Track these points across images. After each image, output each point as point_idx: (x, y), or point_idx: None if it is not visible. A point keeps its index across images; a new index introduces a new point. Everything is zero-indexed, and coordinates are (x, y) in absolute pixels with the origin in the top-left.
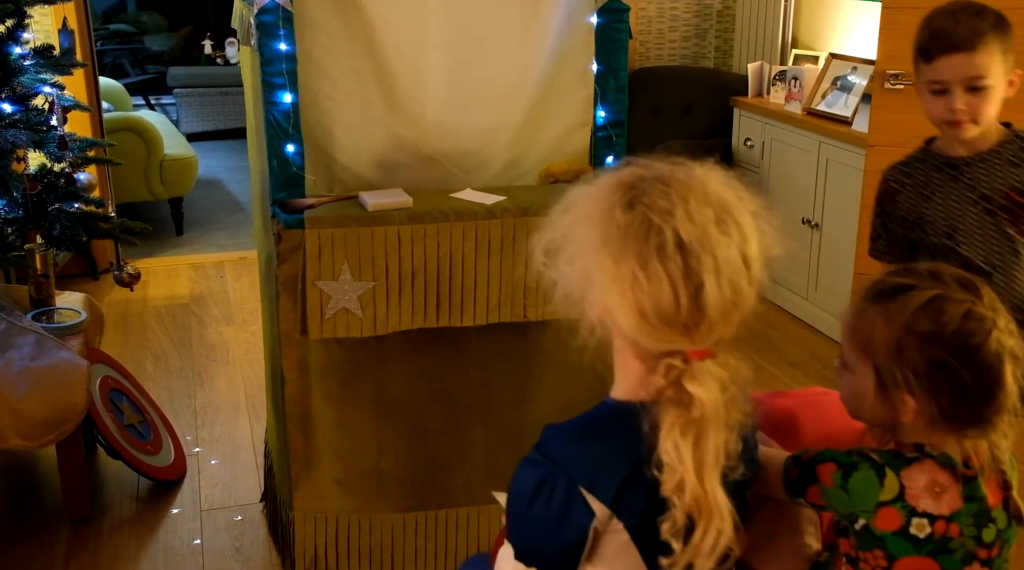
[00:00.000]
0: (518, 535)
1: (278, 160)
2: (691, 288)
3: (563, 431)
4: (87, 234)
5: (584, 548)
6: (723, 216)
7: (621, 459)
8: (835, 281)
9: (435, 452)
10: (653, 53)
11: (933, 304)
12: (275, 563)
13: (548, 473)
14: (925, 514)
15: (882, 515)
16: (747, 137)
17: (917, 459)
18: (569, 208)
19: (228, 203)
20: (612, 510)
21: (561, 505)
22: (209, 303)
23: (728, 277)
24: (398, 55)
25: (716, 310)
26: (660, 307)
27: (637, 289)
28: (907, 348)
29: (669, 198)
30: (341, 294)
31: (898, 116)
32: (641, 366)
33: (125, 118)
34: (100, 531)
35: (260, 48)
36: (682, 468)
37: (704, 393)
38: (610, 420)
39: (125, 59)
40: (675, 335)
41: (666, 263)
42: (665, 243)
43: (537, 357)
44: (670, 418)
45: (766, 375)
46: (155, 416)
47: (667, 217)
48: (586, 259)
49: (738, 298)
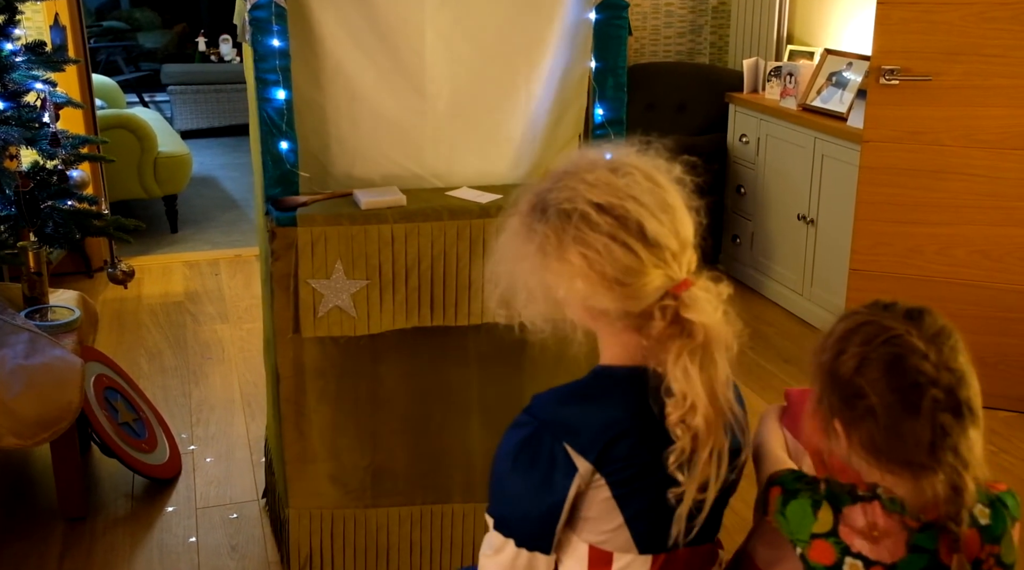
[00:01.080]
0: (498, 501)
1: (272, 157)
2: (634, 232)
3: (550, 396)
4: (80, 231)
5: (563, 510)
6: (615, 166)
7: (606, 418)
8: (830, 277)
9: (430, 449)
10: (648, 49)
11: (863, 328)
12: (271, 560)
13: (533, 432)
14: (860, 556)
15: (816, 547)
16: (742, 133)
17: (865, 499)
18: (499, 259)
19: (223, 200)
20: (595, 466)
21: (546, 462)
22: (204, 301)
23: (656, 205)
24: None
25: (666, 236)
26: (622, 264)
27: (594, 265)
28: (835, 372)
29: (564, 185)
30: (334, 292)
31: (893, 112)
32: (635, 333)
33: (119, 115)
34: (95, 529)
35: (253, 44)
36: (692, 393)
37: (703, 316)
38: (596, 383)
39: (119, 56)
40: (653, 278)
41: (599, 228)
42: (587, 215)
43: (533, 355)
44: (676, 349)
45: (762, 371)
46: (150, 414)
47: (573, 198)
48: (540, 279)
49: (676, 220)
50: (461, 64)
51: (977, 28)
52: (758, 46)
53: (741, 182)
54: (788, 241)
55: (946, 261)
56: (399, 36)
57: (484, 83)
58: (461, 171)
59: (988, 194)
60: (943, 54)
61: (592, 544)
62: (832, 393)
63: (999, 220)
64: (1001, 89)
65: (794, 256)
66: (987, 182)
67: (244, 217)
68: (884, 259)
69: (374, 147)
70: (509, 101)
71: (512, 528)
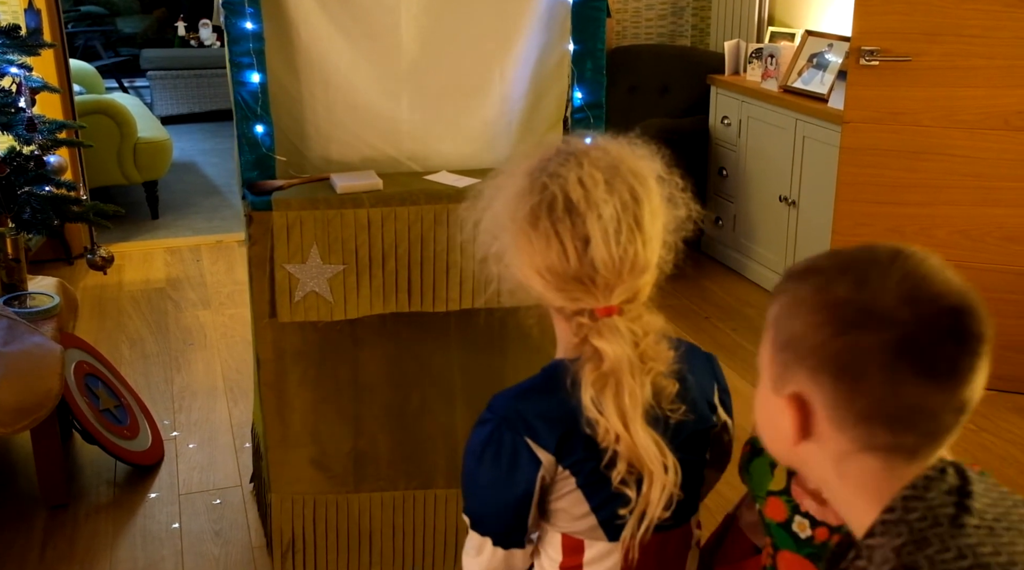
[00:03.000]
0: (470, 498)
1: (247, 141)
2: (578, 244)
3: (509, 393)
4: (59, 217)
5: (532, 502)
6: (613, 178)
7: (560, 411)
8: None
9: (413, 434)
10: (630, 32)
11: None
12: (255, 545)
13: (495, 428)
14: (807, 515)
15: (771, 504)
16: (724, 115)
17: None
18: (493, 176)
19: (204, 186)
20: (556, 457)
21: (509, 456)
22: (186, 287)
23: (613, 234)
24: (372, 37)
25: (606, 266)
26: (552, 264)
27: (529, 248)
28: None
29: (566, 164)
30: (310, 277)
31: (873, 92)
32: (566, 326)
33: (97, 101)
34: (77, 516)
35: (227, 27)
36: (605, 420)
37: (609, 347)
38: (551, 377)
39: (97, 41)
40: (576, 292)
41: (554, 222)
42: (555, 202)
43: (515, 340)
44: (585, 372)
45: (744, 352)
46: (132, 401)
47: (557, 179)
48: (498, 224)
49: (627, 255)
50: (436, 46)
51: (956, 9)
52: (739, 28)
53: (723, 164)
54: (770, 223)
55: (926, 241)
56: (374, 18)
57: (459, 65)
58: (437, 154)
59: (968, 174)
60: (923, 35)
61: (564, 533)
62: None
63: (979, 200)
64: (981, 69)
65: (776, 237)
66: (967, 162)
67: (225, 203)
68: (865, 239)
69: (349, 130)
70: (484, 84)
71: (487, 526)
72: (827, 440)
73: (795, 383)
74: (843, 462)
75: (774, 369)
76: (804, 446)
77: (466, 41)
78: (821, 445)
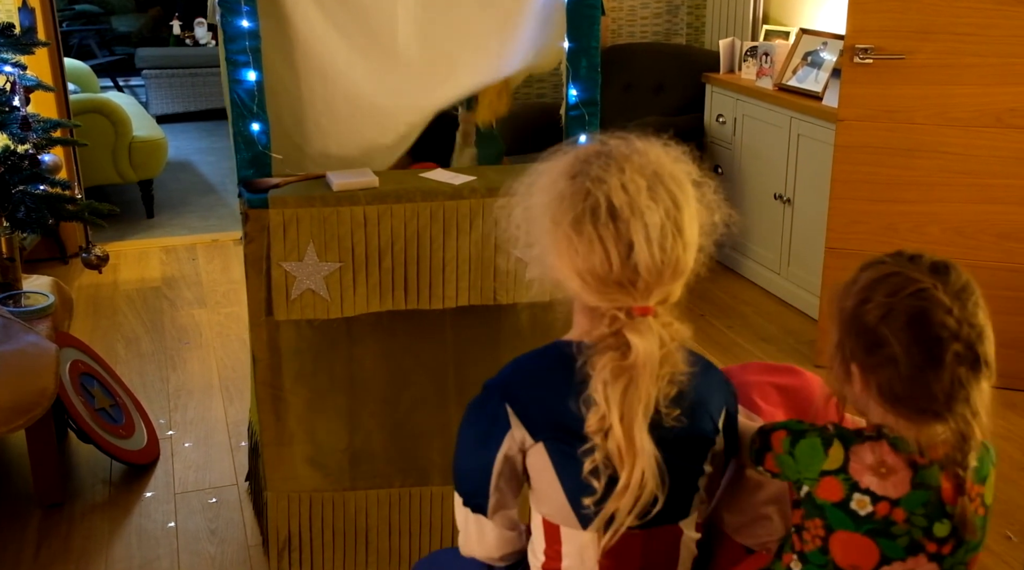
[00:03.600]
0: (455, 456)
1: (244, 139)
2: (622, 250)
3: (511, 364)
4: (53, 216)
5: (494, 466)
6: (655, 185)
7: (550, 387)
8: (808, 256)
9: (408, 431)
10: (625, 30)
11: (890, 279)
12: (251, 544)
13: (484, 394)
14: (868, 491)
15: (824, 484)
16: (719, 113)
17: (872, 438)
18: (531, 177)
19: (199, 185)
20: (527, 428)
21: (487, 420)
22: (181, 286)
23: (657, 240)
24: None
25: (649, 270)
26: (594, 268)
27: (572, 252)
28: (858, 319)
29: (608, 169)
30: (306, 275)
31: (867, 90)
32: (587, 320)
33: (92, 100)
34: (72, 516)
35: (222, 25)
36: (607, 411)
37: (641, 343)
38: (551, 355)
39: (92, 40)
40: (615, 293)
41: (598, 227)
42: (598, 208)
43: (510, 338)
44: (604, 360)
45: (740, 350)
46: (127, 400)
47: (601, 185)
48: (533, 223)
49: (669, 260)
50: (433, 42)
51: (949, 7)
52: (734, 26)
53: (718, 162)
54: (765, 220)
55: (920, 238)
56: (371, 14)
57: (456, 61)
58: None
59: (962, 172)
60: (916, 33)
61: (544, 516)
62: (854, 339)
63: (973, 197)
64: (974, 67)
65: (771, 235)
66: (960, 160)
67: (221, 202)
68: (859, 237)
69: (348, 126)
70: (480, 80)
71: (459, 483)
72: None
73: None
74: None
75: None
76: None
77: (463, 37)
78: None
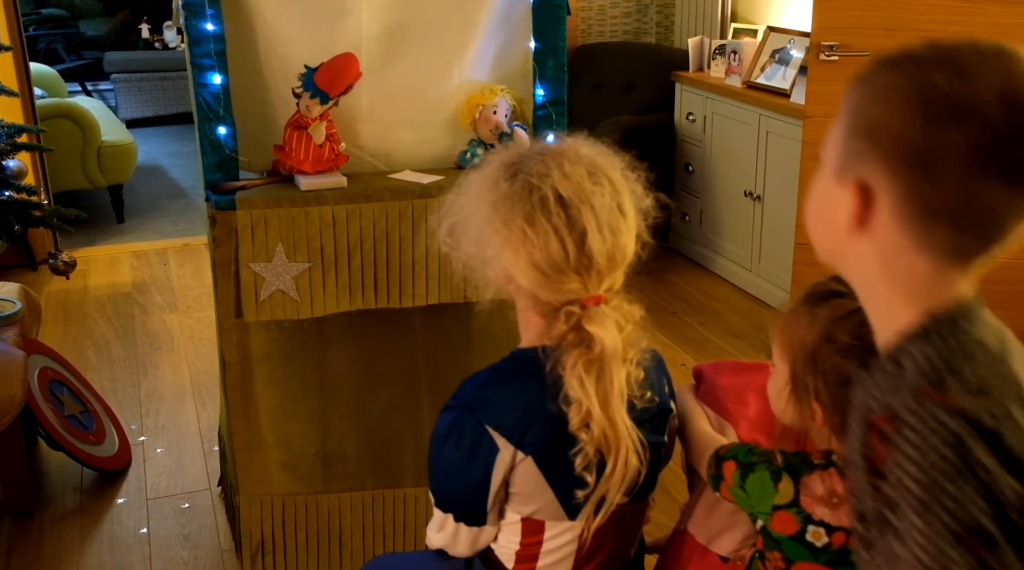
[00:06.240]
0: (434, 479)
1: (210, 142)
2: (576, 236)
3: (474, 381)
4: (19, 222)
5: (490, 487)
6: (594, 171)
7: (524, 398)
8: (778, 252)
9: (381, 433)
10: (595, 30)
11: (855, 316)
12: (224, 549)
13: (459, 416)
14: (822, 523)
15: (778, 518)
16: (689, 112)
17: (822, 466)
18: (462, 190)
19: (170, 189)
20: (516, 446)
21: (470, 443)
22: (152, 291)
23: (607, 223)
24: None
25: (602, 254)
26: (551, 257)
27: (528, 244)
28: (821, 357)
29: (545, 163)
30: (276, 276)
31: (833, 87)
32: (542, 320)
33: (59, 104)
34: (43, 524)
35: (187, 29)
36: (588, 402)
37: (602, 332)
38: (514, 366)
39: (59, 44)
40: (570, 283)
41: (550, 217)
42: (547, 200)
43: (482, 338)
44: (573, 358)
45: (712, 347)
46: (98, 406)
47: (545, 178)
48: (481, 229)
49: (619, 243)
50: (395, 42)
51: (915, 4)
52: (703, 25)
53: (689, 160)
54: (736, 218)
55: None
56: (333, 15)
57: (418, 63)
58: (397, 151)
59: None
60: (881, 30)
61: (524, 516)
62: (820, 378)
63: None
64: None
65: (742, 232)
66: None
67: (192, 206)
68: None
69: None
70: (443, 81)
71: (449, 504)
72: (882, 234)
73: (864, 171)
74: (892, 261)
75: (843, 156)
76: (854, 241)
77: (426, 38)
78: (874, 240)
